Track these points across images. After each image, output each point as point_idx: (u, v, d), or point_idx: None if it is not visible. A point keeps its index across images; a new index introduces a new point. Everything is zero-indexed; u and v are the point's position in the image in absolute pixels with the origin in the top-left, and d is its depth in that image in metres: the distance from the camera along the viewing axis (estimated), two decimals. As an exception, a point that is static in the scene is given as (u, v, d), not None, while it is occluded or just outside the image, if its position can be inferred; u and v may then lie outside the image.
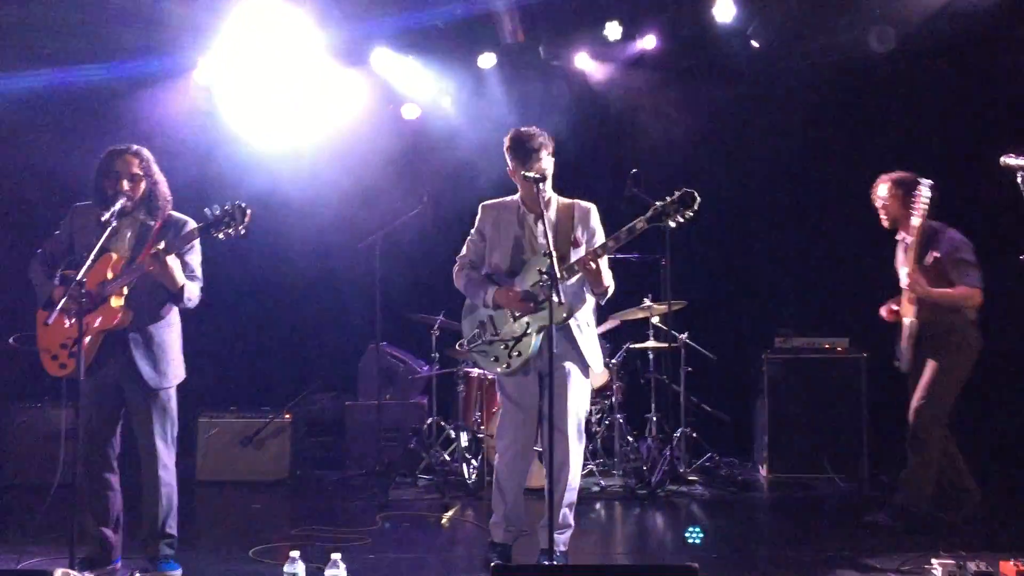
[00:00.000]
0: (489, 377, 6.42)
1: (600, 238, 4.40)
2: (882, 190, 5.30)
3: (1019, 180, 4.25)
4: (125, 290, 4.21)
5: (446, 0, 7.09)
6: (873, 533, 5.07)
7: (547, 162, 4.31)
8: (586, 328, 4.42)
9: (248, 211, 4.05)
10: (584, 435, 4.49)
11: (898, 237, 5.31)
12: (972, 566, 4.15)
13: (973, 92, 7.03)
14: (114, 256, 4.23)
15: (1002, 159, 4.33)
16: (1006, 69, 6.82)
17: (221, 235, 4.07)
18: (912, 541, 4.80)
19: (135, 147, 4.36)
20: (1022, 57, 6.70)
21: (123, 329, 4.23)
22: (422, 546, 5.09)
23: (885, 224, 5.33)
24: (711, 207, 7.45)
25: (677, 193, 4.00)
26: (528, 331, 4.27)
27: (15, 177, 7.08)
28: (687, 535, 4.23)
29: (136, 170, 4.29)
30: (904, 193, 5.16)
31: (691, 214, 4.00)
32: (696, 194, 3.99)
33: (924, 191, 5.00)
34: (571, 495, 4.39)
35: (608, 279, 4.26)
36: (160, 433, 4.35)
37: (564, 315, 4.19)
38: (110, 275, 4.19)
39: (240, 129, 7.68)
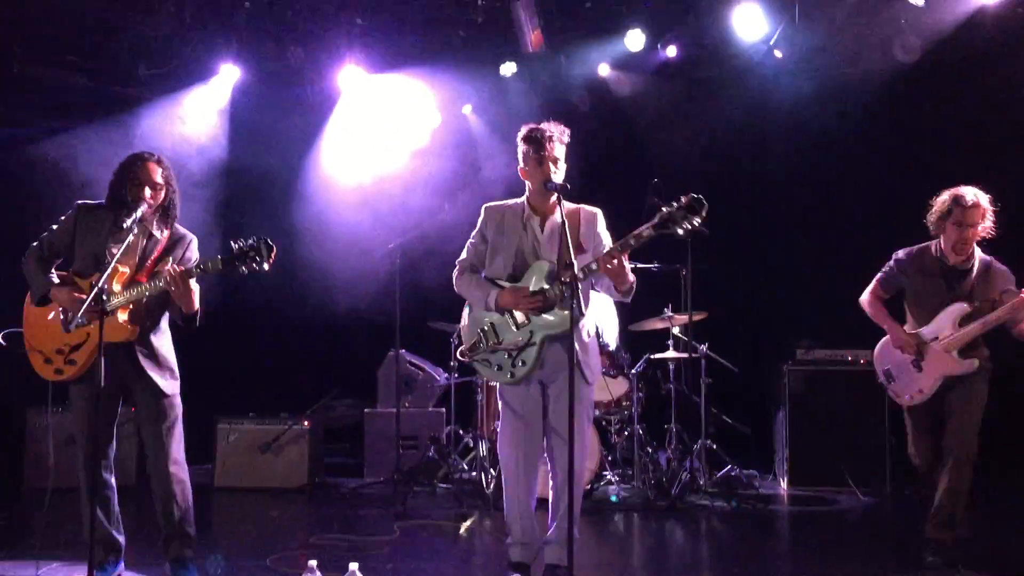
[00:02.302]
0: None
1: (607, 243, 4.30)
2: (985, 207, 4.65)
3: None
4: (131, 304, 4.18)
5: (468, 10, 7.12)
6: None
7: (560, 151, 4.23)
8: (587, 338, 4.33)
9: (274, 248, 4.01)
10: (587, 444, 4.41)
11: (955, 263, 4.71)
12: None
13: (1000, 102, 6.95)
14: (121, 268, 4.16)
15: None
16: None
17: (244, 268, 4.01)
18: (930, 560, 4.71)
19: (158, 155, 4.34)
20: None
21: (126, 341, 4.20)
22: (440, 556, 5.06)
23: (971, 245, 4.68)
24: (732, 217, 7.55)
25: (684, 199, 3.76)
26: (532, 340, 4.19)
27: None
28: None
29: (159, 179, 4.25)
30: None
31: (699, 221, 3.76)
32: (704, 200, 3.75)
33: None
34: (577, 507, 4.19)
35: (631, 275, 4.12)
36: (169, 433, 4.32)
37: (567, 323, 4.14)
38: (117, 287, 4.13)
39: (262, 139, 7.74)
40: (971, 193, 4.61)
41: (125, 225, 4.01)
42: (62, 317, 4.18)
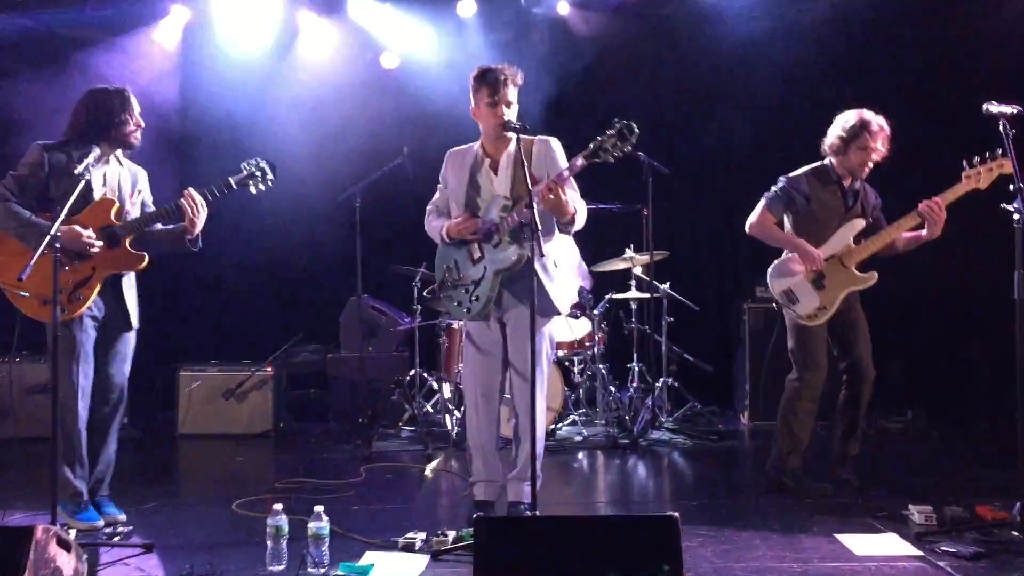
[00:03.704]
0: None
1: (563, 165, 4.17)
2: (887, 132, 4.77)
3: (1001, 127, 4.25)
4: (133, 234, 4.26)
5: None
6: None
7: (513, 94, 4.21)
8: (553, 269, 4.22)
9: (276, 167, 4.37)
10: (546, 383, 4.33)
11: (849, 185, 4.86)
12: (949, 510, 4.21)
13: (959, 39, 6.98)
14: (116, 203, 4.24)
15: (985, 106, 4.31)
16: (991, 17, 6.78)
17: (254, 188, 4.37)
18: (880, 491, 4.84)
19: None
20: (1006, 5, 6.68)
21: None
22: (405, 496, 5.11)
23: (868, 169, 4.83)
24: (693, 156, 7.55)
25: (617, 125, 3.82)
26: (484, 274, 4.22)
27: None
28: None
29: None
30: None
31: (629, 148, 3.83)
32: (634, 126, 3.82)
33: None
34: (539, 445, 4.01)
35: (572, 207, 4.05)
36: (128, 373, 4.41)
37: (514, 258, 4.13)
38: (114, 219, 4.20)
39: (214, 80, 7.57)
40: (877, 119, 4.75)
41: (77, 171, 3.89)
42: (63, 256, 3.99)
